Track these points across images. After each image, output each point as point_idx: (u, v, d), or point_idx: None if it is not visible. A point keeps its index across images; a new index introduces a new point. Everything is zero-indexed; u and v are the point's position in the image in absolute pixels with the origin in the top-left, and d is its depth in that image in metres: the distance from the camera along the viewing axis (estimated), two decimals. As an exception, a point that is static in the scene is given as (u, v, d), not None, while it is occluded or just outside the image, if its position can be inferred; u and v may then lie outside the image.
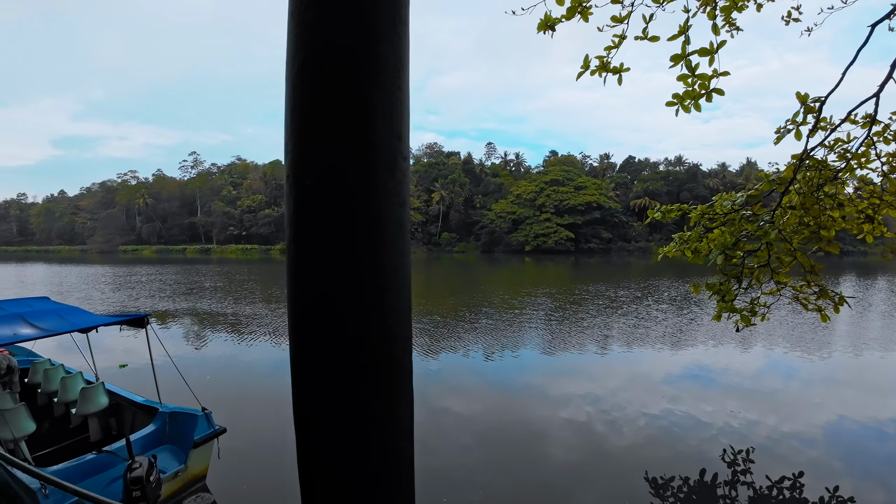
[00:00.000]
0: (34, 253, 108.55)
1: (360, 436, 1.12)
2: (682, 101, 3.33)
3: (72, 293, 29.28)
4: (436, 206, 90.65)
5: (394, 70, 1.07)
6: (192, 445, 6.05)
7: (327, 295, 1.05)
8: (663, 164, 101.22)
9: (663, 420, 8.59)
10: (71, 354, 9.32)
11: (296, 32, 1.05)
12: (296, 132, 1.05)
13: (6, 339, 6.03)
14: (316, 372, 1.12)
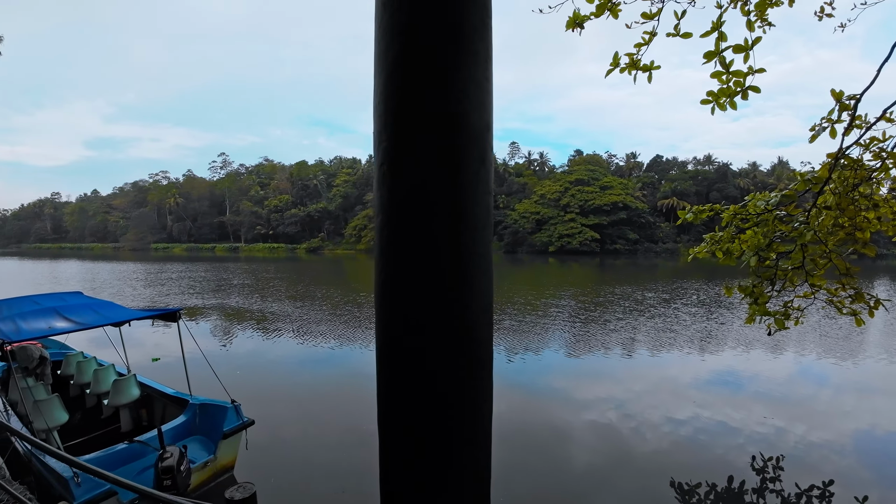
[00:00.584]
0: (68, 250, 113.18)
1: (442, 419, 1.13)
2: (717, 98, 3.27)
3: (104, 289, 30.37)
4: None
5: (483, 62, 1.09)
6: (222, 436, 6.21)
7: (418, 277, 1.07)
8: (692, 163, 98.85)
9: (690, 426, 8.41)
10: (103, 348, 9.67)
11: (387, 27, 1.08)
12: (390, 123, 1.08)
13: (42, 333, 6.29)
14: (401, 358, 1.14)
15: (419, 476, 1.13)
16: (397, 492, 1.20)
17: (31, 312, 7.22)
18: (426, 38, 1.03)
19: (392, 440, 1.18)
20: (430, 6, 1.02)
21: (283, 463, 7.06)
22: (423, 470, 1.13)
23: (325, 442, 7.76)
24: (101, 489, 4.91)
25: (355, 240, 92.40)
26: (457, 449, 1.12)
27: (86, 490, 4.84)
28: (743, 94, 3.18)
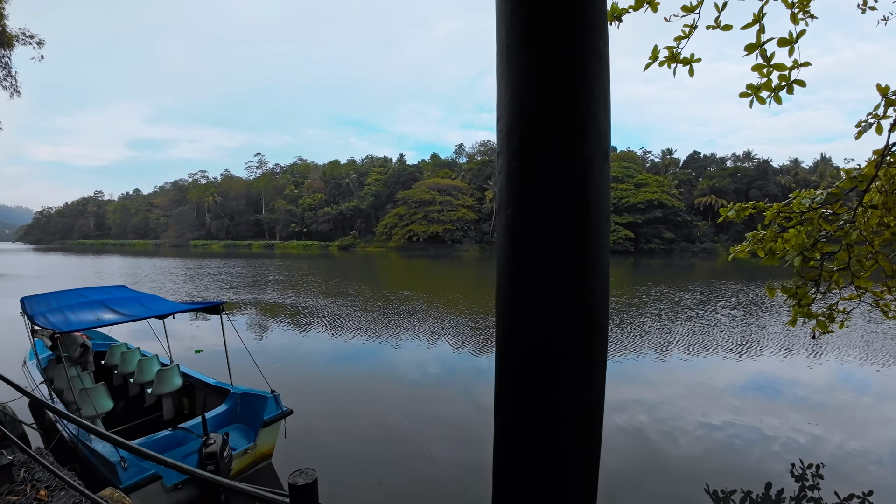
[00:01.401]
0: (110, 246, 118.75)
1: (557, 416, 1.16)
2: (758, 92, 3.18)
3: (145, 283, 31.75)
4: (489, 204, 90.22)
5: (606, 63, 1.13)
6: (262, 425, 6.41)
7: (549, 266, 1.11)
8: (731, 159, 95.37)
9: (725, 431, 8.17)
10: (145, 339, 10.10)
11: (510, 26, 1.12)
12: (520, 123, 1.12)
13: (90, 324, 6.62)
14: (525, 345, 1.16)
15: (536, 466, 1.18)
16: (511, 480, 1.24)
17: (78, 305, 7.61)
18: (554, 40, 1.08)
19: (510, 428, 1.23)
20: (554, 9, 1.08)
21: (319, 453, 7.25)
22: (539, 460, 1.18)
23: (357, 434, 7.91)
24: (147, 473, 5.10)
25: (386, 237, 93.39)
26: (572, 437, 1.18)
27: (132, 474, 5.04)
28: (788, 89, 3.08)
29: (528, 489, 1.20)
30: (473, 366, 11.95)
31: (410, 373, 11.53)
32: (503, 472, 1.28)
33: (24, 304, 7.54)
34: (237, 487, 2.07)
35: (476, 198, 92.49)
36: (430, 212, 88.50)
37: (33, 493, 3.95)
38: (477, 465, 6.87)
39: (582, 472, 1.21)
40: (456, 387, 10.47)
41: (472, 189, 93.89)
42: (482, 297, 25.99)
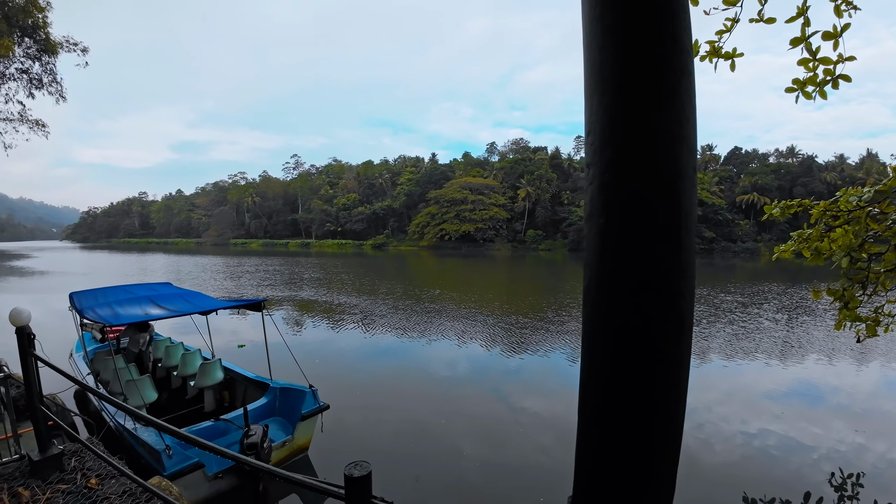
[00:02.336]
0: (154, 244, 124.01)
1: (644, 414, 1.21)
2: (803, 87, 3.09)
3: (188, 280, 33.03)
4: (521, 202, 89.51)
5: (692, 74, 1.19)
6: (300, 419, 6.60)
7: (642, 271, 1.16)
8: (773, 155, 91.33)
9: (763, 439, 7.88)
10: (187, 334, 10.55)
11: (602, 45, 1.19)
12: (616, 135, 1.18)
13: (138, 318, 6.94)
14: (610, 356, 1.22)
15: (620, 463, 1.24)
16: (594, 477, 1.30)
17: (126, 300, 8.01)
18: (646, 59, 1.14)
19: (596, 424, 1.28)
20: (646, 31, 1.14)
21: (353, 447, 7.40)
22: (624, 456, 1.23)
23: (389, 430, 8.04)
24: (190, 461, 5.32)
25: (418, 236, 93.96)
26: (657, 434, 1.22)
27: (176, 462, 5.27)
28: (833, 84, 2.98)
29: (612, 485, 1.24)
30: (503, 366, 11.93)
31: (440, 370, 11.61)
32: (586, 467, 1.32)
33: (73, 299, 7.95)
34: (293, 478, 2.13)
35: (508, 196, 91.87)
36: (462, 211, 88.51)
37: (83, 481, 4.06)
38: (509, 464, 6.89)
39: (664, 468, 1.24)
40: (486, 386, 10.48)
41: (505, 188, 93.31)
42: (513, 298, 25.87)
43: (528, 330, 16.06)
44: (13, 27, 18.39)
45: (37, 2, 19.00)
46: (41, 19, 19.41)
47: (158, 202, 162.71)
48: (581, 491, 1.32)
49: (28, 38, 19.58)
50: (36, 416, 4.11)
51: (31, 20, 19.01)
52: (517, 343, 14.22)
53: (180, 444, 5.50)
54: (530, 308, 20.93)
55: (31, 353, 4.05)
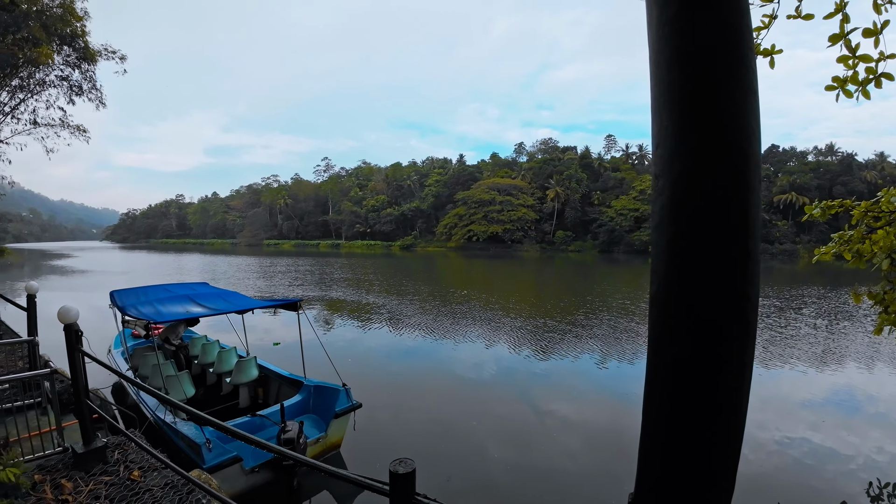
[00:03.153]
0: (191, 245, 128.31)
1: (709, 415, 1.25)
2: (844, 84, 2.98)
3: (223, 279, 34.00)
4: (550, 203, 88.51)
5: (755, 75, 1.23)
6: (333, 416, 6.73)
7: (703, 285, 1.22)
8: (812, 153, 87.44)
9: (798, 448, 7.56)
10: (221, 332, 10.85)
11: (671, 64, 1.24)
12: (683, 150, 1.24)
13: (180, 316, 7.20)
14: (676, 358, 1.27)
15: (682, 462, 1.28)
16: (657, 475, 1.35)
17: (167, 298, 8.31)
18: (715, 78, 1.19)
19: (661, 423, 1.32)
20: (715, 43, 1.19)
21: (384, 446, 7.49)
22: (687, 456, 1.27)
23: (417, 430, 8.11)
24: (229, 455, 5.49)
25: (446, 237, 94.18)
26: (720, 435, 1.27)
27: (215, 455, 5.44)
28: (876, 82, 2.86)
29: (674, 483, 1.29)
30: (530, 368, 11.83)
31: (468, 371, 11.61)
32: (649, 466, 1.37)
33: (114, 297, 8.29)
34: (338, 473, 2.20)
35: (537, 197, 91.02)
36: (490, 212, 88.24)
37: (126, 473, 4.19)
38: (536, 467, 6.84)
39: (725, 469, 1.30)
40: (513, 388, 10.42)
41: (533, 188, 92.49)
42: (542, 300, 25.62)
43: (556, 333, 15.88)
44: (52, 36, 19.30)
45: (74, 11, 19.92)
46: (79, 28, 20.32)
47: (195, 204, 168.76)
48: (644, 488, 1.37)
49: (67, 46, 20.54)
50: (82, 409, 4.29)
51: (70, 29, 19.93)
52: (545, 346, 14.08)
53: (220, 438, 5.69)
54: (559, 311, 20.70)
55: (79, 350, 4.23)
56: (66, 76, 21.68)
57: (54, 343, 7.70)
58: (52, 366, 4.64)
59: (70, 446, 4.35)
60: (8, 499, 3.28)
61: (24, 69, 19.63)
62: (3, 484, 3.38)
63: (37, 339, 6.60)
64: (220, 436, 5.72)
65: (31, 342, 6.49)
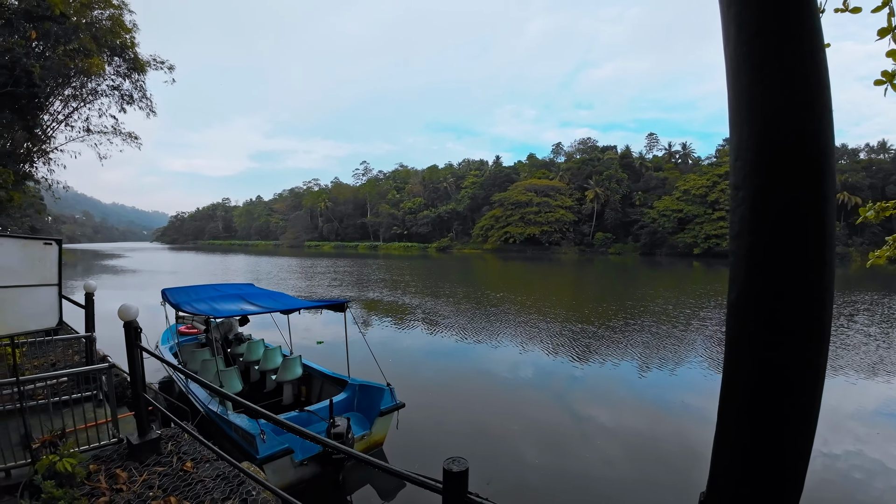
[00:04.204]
0: (236, 246, 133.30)
1: (783, 419, 1.31)
2: (892, 79, 2.84)
3: (267, 279, 35.13)
4: (589, 204, 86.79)
5: (832, 112, 1.31)
6: (378, 414, 6.89)
7: (781, 293, 1.29)
8: (864, 150, 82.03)
9: (845, 461, 7.11)
10: (263, 330, 11.22)
11: (751, 81, 1.31)
12: (762, 163, 1.32)
13: (235, 313, 7.55)
14: (755, 364, 1.34)
15: (755, 465, 1.35)
16: (728, 472, 1.43)
17: (218, 297, 8.71)
18: (795, 91, 1.26)
19: (734, 425, 1.41)
20: (793, 61, 1.26)
21: (423, 446, 7.56)
22: (760, 458, 1.34)
23: (455, 430, 8.14)
24: (281, 447, 5.71)
25: (482, 239, 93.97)
26: (793, 439, 1.32)
27: (269, 446, 5.66)
28: (928, 78, 2.69)
29: (745, 483, 1.36)
30: (568, 373, 11.63)
31: (505, 374, 11.53)
32: (722, 465, 1.45)
33: (166, 294, 8.74)
34: (393, 470, 2.26)
35: (575, 198, 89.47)
36: (527, 213, 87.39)
37: (179, 464, 4.35)
38: (575, 473, 6.73)
39: (795, 470, 1.35)
40: (550, 392, 10.27)
41: (571, 189, 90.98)
42: (580, 304, 25.18)
43: (594, 339, 15.56)
44: (102, 47, 20.45)
45: (123, 23, 21.04)
46: (128, 40, 21.44)
47: (240, 207, 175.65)
48: (716, 487, 1.45)
49: (117, 57, 21.72)
50: (139, 402, 4.51)
51: (119, 41, 21.07)
52: (583, 351, 13.82)
53: (273, 430, 5.91)
54: (597, 315, 20.28)
55: (137, 345, 4.47)
56: (117, 86, 22.90)
57: (105, 338, 8.19)
58: (109, 360, 4.90)
59: (125, 437, 4.56)
60: (63, 488, 3.49)
61: (76, 79, 20.88)
62: (60, 473, 3.61)
63: (94, 335, 7.02)
64: (273, 428, 5.94)
65: (88, 338, 6.91)
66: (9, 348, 7.01)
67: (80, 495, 3.61)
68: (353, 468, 6.41)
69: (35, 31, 14.35)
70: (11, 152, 19.41)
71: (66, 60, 18.75)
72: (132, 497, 3.76)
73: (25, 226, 44.11)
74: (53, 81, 19.73)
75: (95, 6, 19.81)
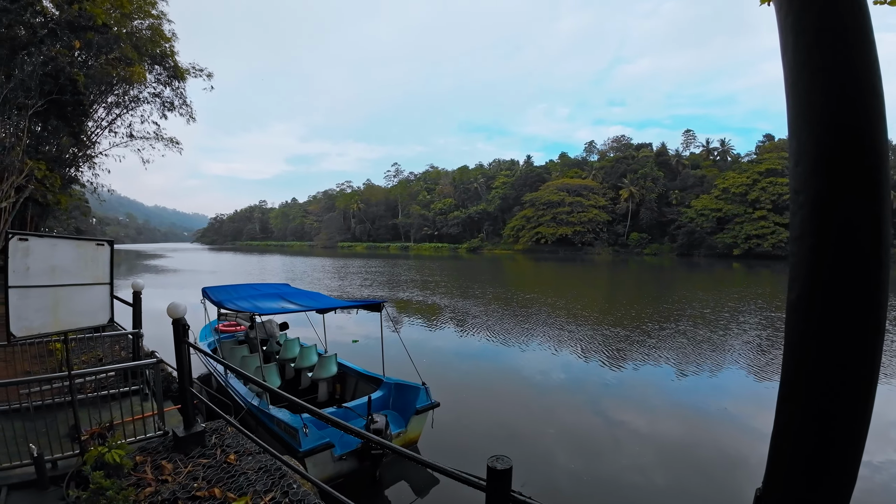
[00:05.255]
0: (272, 247, 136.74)
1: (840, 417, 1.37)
2: None
3: (301, 279, 35.88)
4: (623, 203, 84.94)
5: (882, 90, 1.35)
6: (414, 413, 6.99)
7: (840, 293, 1.34)
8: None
9: (889, 471, 6.71)
10: (297, 327, 11.44)
11: (811, 89, 1.37)
12: (822, 168, 1.37)
13: (277, 310, 7.73)
14: (814, 361, 1.40)
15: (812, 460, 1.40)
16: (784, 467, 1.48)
17: (259, 295, 8.98)
18: (851, 99, 1.32)
19: (791, 422, 1.46)
20: (848, 71, 1.31)
21: (462, 444, 7.60)
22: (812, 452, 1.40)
23: (486, 432, 8.10)
24: (322, 441, 5.86)
25: (513, 240, 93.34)
26: (846, 436, 1.38)
27: (311, 440, 5.82)
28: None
29: (801, 478, 1.42)
30: (600, 377, 11.39)
31: (535, 376, 11.41)
32: (779, 461, 1.50)
33: (207, 293, 9.04)
34: (437, 467, 2.30)
35: (609, 197, 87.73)
36: (559, 213, 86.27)
37: (223, 456, 4.48)
38: (607, 479, 6.59)
39: (849, 469, 1.42)
40: (582, 396, 10.09)
41: (605, 188, 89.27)
42: (613, 306, 24.67)
43: (628, 343, 15.21)
44: (143, 56, 21.33)
45: (163, 33, 21.87)
46: (168, 49, 22.30)
47: (276, 209, 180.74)
48: (772, 482, 1.50)
49: (158, 65, 22.62)
50: (185, 396, 4.69)
51: (159, 49, 21.93)
52: (616, 355, 13.53)
53: (315, 425, 6.05)
54: (631, 319, 19.83)
55: (185, 341, 4.65)
56: (158, 93, 23.86)
57: (152, 335, 8.53)
58: (157, 356, 5.11)
59: (171, 430, 4.74)
60: (111, 478, 3.65)
61: (118, 87, 21.86)
62: (108, 464, 3.77)
63: (142, 332, 7.34)
64: (314, 422, 6.08)
65: (136, 334, 7.24)
66: (58, 344, 7.45)
67: (127, 486, 3.77)
68: (388, 464, 6.49)
69: (78, 41, 15.11)
70: (58, 157, 20.50)
71: (108, 69, 19.68)
72: (177, 488, 3.89)
73: (71, 227, 46.43)
74: (97, 89, 20.72)
75: (135, 16, 20.74)
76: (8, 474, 4.02)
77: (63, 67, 14.22)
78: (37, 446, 3.99)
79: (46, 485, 3.95)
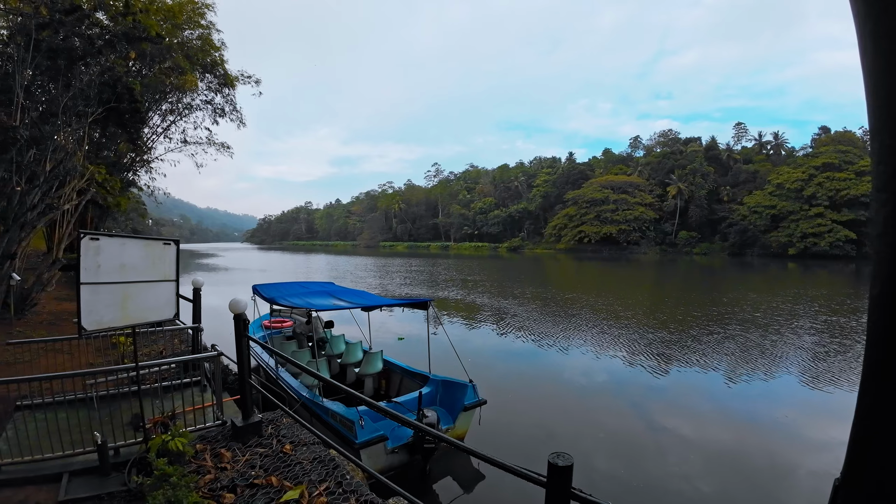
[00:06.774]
0: (317, 246, 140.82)
1: None
2: None
3: (345, 277, 36.67)
4: (671, 201, 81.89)
5: None
6: (462, 409, 7.10)
7: None
8: None
9: None
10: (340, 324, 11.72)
11: (884, 79, 1.35)
12: None
13: (330, 307, 8.02)
14: None
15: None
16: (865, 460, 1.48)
17: (307, 293, 9.28)
18: None
19: (870, 415, 1.46)
20: None
21: (509, 441, 7.64)
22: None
23: (528, 433, 8.07)
24: (376, 434, 6.05)
25: (555, 239, 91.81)
26: None
27: (367, 432, 6.02)
28: None
29: (880, 472, 1.39)
30: (645, 382, 11.06)
31: (577, 378, 11.24)
32: (859, 453, 1.48)
33: (258, 290, 9.42)
34: (496, 462, 2.35)
35: (656, 194, 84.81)
36: (603, 211, 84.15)
37: (279, 446, 4.65)
38: (651, 486, 6.43)
39: None
40: (624, 400, 9.85)
41: (651, 185, 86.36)
42: (660, 308, 23.90)
43: (676, 347, 14.71)
44: (195, 65, 22.33)
45: (212, 42, 22.82)
46: (218, 57, 23.26)
47: (321, 210, 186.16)
48: (851, 474, 1.48)
49: (209, 73, 23.65)
50: (244, 387, 4.92)
51: (209, 58, 22.91)
52: (662, 359, 13.11)
53: (369, 418, 6.24)
54: (677, 322, 19.15)
55: (246, 335, 4.88)
56: (209, 100, 24.97)
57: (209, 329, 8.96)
58: (217, 349, 5.37)
59: (230, 420, 4.96)
60: (174, 465, 3.88)
61: (172, 95, 23.01)
62: (170, 452, 4.01)
63: (201, 326, 7.74)
64: (369, 414, 6.29)
65: (196, 328, 7.64)
66: (122, 338, 7.97)
67: (189, 472, 4.00)
68: (438, 458, 6.59)
69: (133, 51, 16.00)
70: (117, 162, 21.81)
71: (162, 78, 20.79)
72: (236, 475, 4.10)
73: (128, 228, 49.42)
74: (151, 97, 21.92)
75: (185, 27, 21.80)
76: (70, 461, 4.26)
77: (120, 77, 15.11)
78: (101, 434, 4.23)
79: (108, 471, 4.15)
